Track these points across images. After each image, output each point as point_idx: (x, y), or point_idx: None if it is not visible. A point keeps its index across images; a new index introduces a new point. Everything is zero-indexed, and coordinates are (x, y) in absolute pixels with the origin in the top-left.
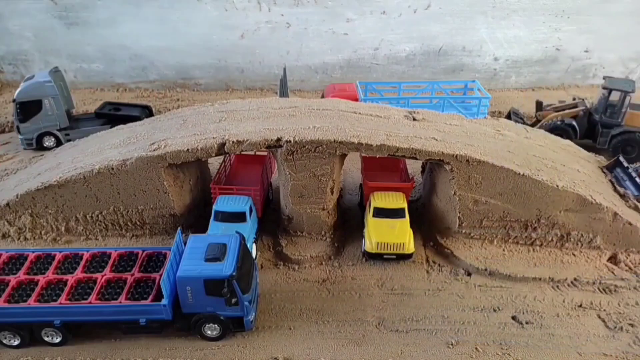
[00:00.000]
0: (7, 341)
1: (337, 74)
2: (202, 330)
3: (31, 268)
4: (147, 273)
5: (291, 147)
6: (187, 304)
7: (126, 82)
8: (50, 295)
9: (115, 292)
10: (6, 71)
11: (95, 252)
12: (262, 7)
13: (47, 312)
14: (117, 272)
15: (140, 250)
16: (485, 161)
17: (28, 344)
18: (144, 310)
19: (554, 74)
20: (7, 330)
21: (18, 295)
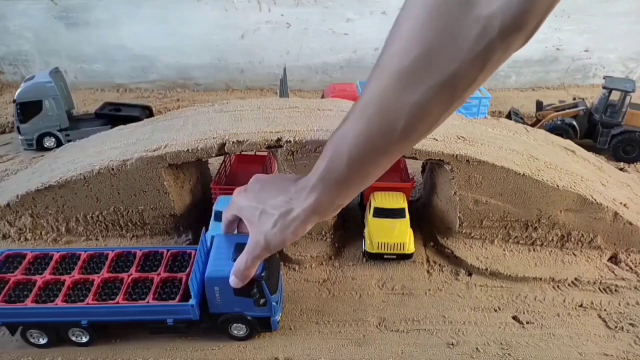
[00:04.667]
0: (35, 340)
1: (337, 74)
2: (229, 330)
3: (56, 268)
4: (173, 273)
5: (291, 147)
6: (215, 304)
7: (126, 82)
8: (78, 295)
9: (142, 292)
10: (6, 72)
11: (121, 252)
12: (262, 7)
13: (74, 312)
14: (143, 271)
15: (165, 249)
16: (486, 161)
17: (55, 343)
18: (171, 311)
19: (554, 73)
20: (35, 329)
21: (45, 295)
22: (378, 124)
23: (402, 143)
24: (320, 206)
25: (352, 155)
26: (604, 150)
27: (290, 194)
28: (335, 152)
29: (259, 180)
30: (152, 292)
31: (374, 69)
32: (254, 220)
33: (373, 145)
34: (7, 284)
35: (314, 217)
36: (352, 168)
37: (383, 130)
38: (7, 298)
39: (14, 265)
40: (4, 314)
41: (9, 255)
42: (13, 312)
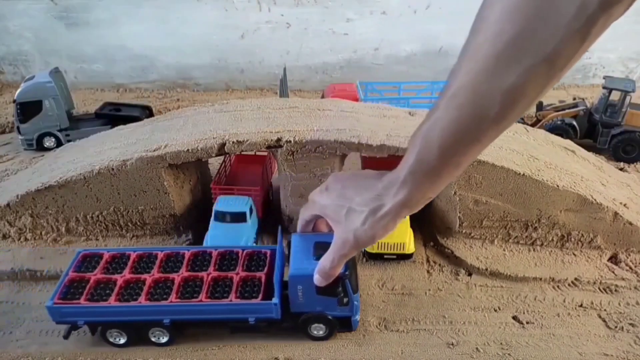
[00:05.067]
0: (114, 340)
1: (337, 74)
2: (308, 330)
3: (134, 267)
4: (251, 272)
5: (291, 147)
6: (297, 303)
7: (126, 82)
8: (160, 293)
9: (223, 291)
10: (6, 72)
11: (196, 251)
12: (262, 7)
13: (158, 311)
14: (221, 271)
15: (240, 249)
16: (486, 161)
17: (134, 342)
18: (254, 309)
19: None
20: (115, 328)
21: (127, 294)
22: (470, 112)
23: (494, 129)
24: (411, 200)
25: (442, 146)
26: (604, 150)
27: (378, 190)
28: (425, 145)
29: (339, 178)
30: (233, 291)
31: (460, 59)
32: (339, 218)
33: (464, 134)
34: (88, 283)
35: (405, 211)
36: (443, 159)
37: (475, 118)
38: (89, 297)
39: (92, 265)
40: (87, 313)
41: (87, 255)
42: (97, 311)
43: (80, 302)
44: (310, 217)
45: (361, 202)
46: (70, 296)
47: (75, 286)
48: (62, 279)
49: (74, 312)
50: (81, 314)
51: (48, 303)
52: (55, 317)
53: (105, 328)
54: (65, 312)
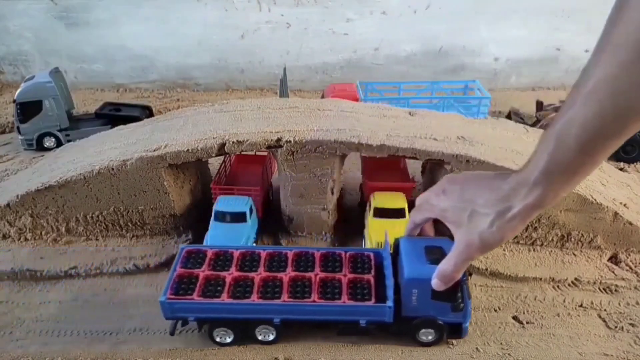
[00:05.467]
0: (220, 338)
1: (337, 74)
2: (416, 336)
3: (240, 265)
4: (358, 274)
5: (291, 147)
6: (409, 307)
7: (126, 82)
8: (270, 292)
9: (332, 292)
10: (6, 72)
11: (299, 252)
12: (262, 7)
13: (269, 310)
14: (327, 271)
15: (342, 251)
16: (486, 161)
17: (240, 341)
18: (367, 312)
19: (555, 73)
20: (224, 326)
21: (237, 292)
22: (613, 106)
23: (637, 123)
24: (544, 200)
25: (582, 143)
26: None
27: (504, 191)
28: (560, 144)
29: (456, 180)
30: (345, 293)
31: (596, 54)
32: (461, 221)
33: (606, 129)
34: (197, 280)
35: (535, 212)
36: (582, 157)
37: (618, 112)
38: (201, 293)
39: (197, 261)
40: (199, 309)
41: (190, 251)
42: (209, 307)
43: (193, 297)
44: (423, 220)
45: (485, 203)
46: (182, 292)
47: (185, 282)
48: (171, 275)
49: (186, 307)
50: (193, 309)
51: (161, 298)
52: (166, 313)
53: (213, 326)
54: (178, 308)
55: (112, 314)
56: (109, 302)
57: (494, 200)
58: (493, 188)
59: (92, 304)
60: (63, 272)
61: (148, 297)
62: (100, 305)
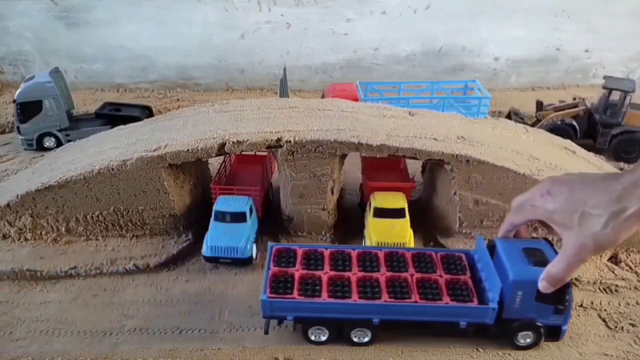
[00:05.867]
0: (315, 337)
1: (337, 74)
2: (514, 339)
3: (333, 265)
4: (453, 275)
5: (291, 147)
6: (512, 309)
7: (126, 82)
8: (368, 292)
9: (431, 293)
10: (6, 72)
11: (389, 252)
12: (262, 7)
13: (370, 310)
14: (422, 272)
15: (432, 252)
16: (486, 161)
17: (334, 340)
18: (469, 313)
19: (554, 73)
20: (322, 325)
21: (335, 292)
22: None
23: None
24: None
25: None
26: (604, 150)
27: (617, 192)
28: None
29: (562, 182)
30: (445, 294)
31: None
32: (570, 223)
33: None
34: (293, 279)
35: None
36: None
37: None
38: (301, 292)
39: (288, 260)
40: (300, 308)
41: (280, 249)
42: (310, 306)
43: (294, 296)
44: (523, 222)
45: (597, 205)
46: (281, 291)
47: (281, 280)
48: (266, 274)
49: (286, 306)
50: (293, 308)
51: (262, 297)
52: (265, 311)
53: (309, 324)
54: (278, 307)
55: (112, 314)
56: (109, 302)
57: (606, 201)
58: (604, 189)
59: (92, 304)
60: (63, 272)
61: (148, 297)
62: (100, 305)
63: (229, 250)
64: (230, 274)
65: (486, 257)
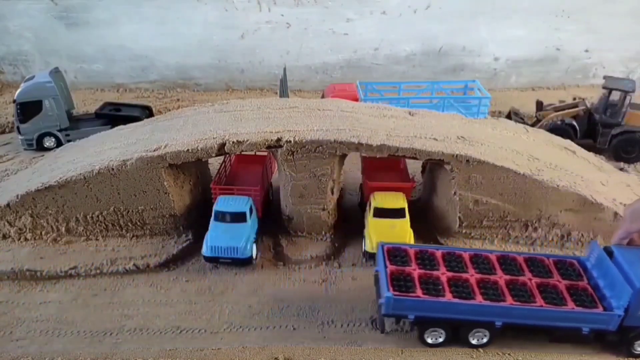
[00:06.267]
0: (432, 339)
1: (337, 74)
2: (631, 347)
3: (448, 265)
4: (571, 280)
5: (291, 147)
6: (635, 316)
7: (126, 82)
8: (492, 295)
9: (553, 298)
10: (6, 72)
11: (501, 255)
12: (262, 7)
13: (494, 312)
14: (539, 276)
15: (544, 257)
16: (486, 161)
17: (449, 343)
18: (593, 319)
19: (554, 73)
20: (439, 327)
21: (458, 292)
22: None
23: None
24: None
25: None
26: (604, 150)
27: None
28: None
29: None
30: (568, 299)
31: None
32: None
33: None
34: (411, 277)
35: None
36: None
37: None
38: (425, 292)
39: (401, 259)
40: (424, 307)
41: (391, 248)
42: (434, 306)
43: (419, 295)
44: (639, 229)
45: None
46: (404, 289)
47: (401, 279)
48: (384, 272)
49: (410, 305)
50: (416, 307)
51: (387, 294)
52: (388, 309)
53: (426, 326)
54: (401, 305)
55: (112, 314)
56: (109, 302)
57: None
58: None
59: (92, 304)
60: (63, 272)
61: (148, 297)
62: (100, 305)
63: (229, 250)
64: (230, 274)
65: (606, 264)
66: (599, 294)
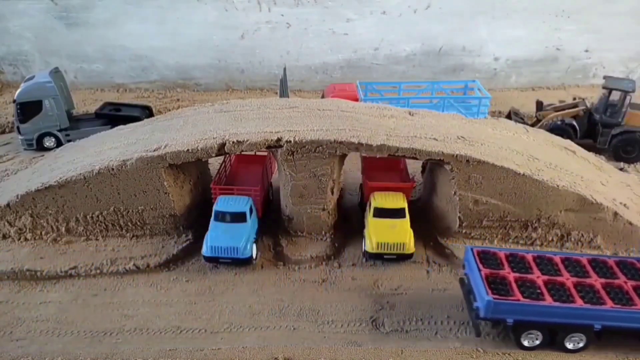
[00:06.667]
0: (529, 343)
1: (337, 74)
2: None
3: (539, 268)
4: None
5: (291, 147)
6: None
7: (126, 82)
8: (593, 298)
9: None
10: (6, 72)
11: (592, 258)
12: (262, 7)
13: (593, 315)
14: (633, 279)
15: (635, 260)
16: (485, 161)
17: (546, 346)
18: None
19: (554, 73)
20: (536, 329)
21: (557, 296)
22: None
23: None
24: None
25: None
26: (604, 150)
27: None
28: None
29: None
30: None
31: None
32: None
33: None
34: (506, 281)
35: None
36: None
37: None
38: (524, 295)
39: (492, 262)
40: (525, 311)
41: (480, 252)
42: (535, 310)
43: (519, 298)
44: None
45: None
46: (503, 293)
47: (497, 282)
48: (478, 275)
49: (510, 308)
50: (517, 311)
51: (487, 298)
52: (488, 313)
53: (523, 329)
54: (501, 308)
55: (112, 314)
56: (109, 302)
57: None
58: None
59: (92, 304)
60: (63, 272)
61: (148, 297)
62: (100, 305)
63: (229, 250)
64: (230, 274)
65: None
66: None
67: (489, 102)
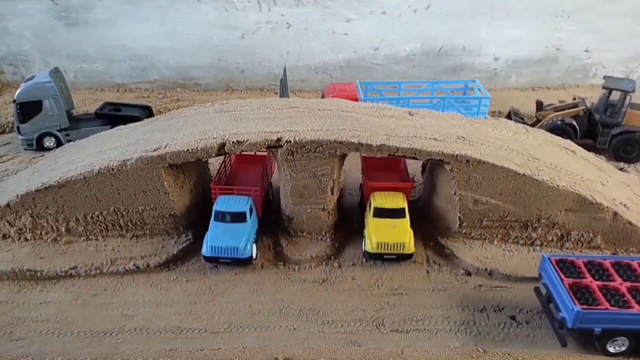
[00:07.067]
0: (614, 348)
1: (337, 74)
2: None
3: (622, 276)
4: None
5: (291, 147)
6: None
7: (126, 82)
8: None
9: None
10: (6, 72)
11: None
12: (262, 7)
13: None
14: None
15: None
16: (485, 161)
17: (633, 352)
18: None
19: (554, 73)
20: (624, 336)
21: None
22: None
23: None
24: None
25: None
26: (604, 150)
27: None
28: None
29: None
30: None
31: None
32: None
33: None
34: (590, 290)
35: None
36: None
37: None
38: (611, 304)
39: (572, 271)
40: (611, 319)
41: (558, 260)
42: (622, 318)
43: (607, 307)
44: None
45: None
46: (589, 302)
47: (582, 292)
48: (561, 285)
49: (597, 318)
50: (605, 320)
51: (575, 308)
52: (574, 323)
53: (609, 336)
54: (589, 318)
55: (112, 314)
56: (109, 302)
57: None
58: None
59: (92, 304)
60: (63, 272)
61: (148, 297)
62: (100, 305)
63: (229, 250)
64: (230, 274)
65: None
66: None
67: (489, 102)
